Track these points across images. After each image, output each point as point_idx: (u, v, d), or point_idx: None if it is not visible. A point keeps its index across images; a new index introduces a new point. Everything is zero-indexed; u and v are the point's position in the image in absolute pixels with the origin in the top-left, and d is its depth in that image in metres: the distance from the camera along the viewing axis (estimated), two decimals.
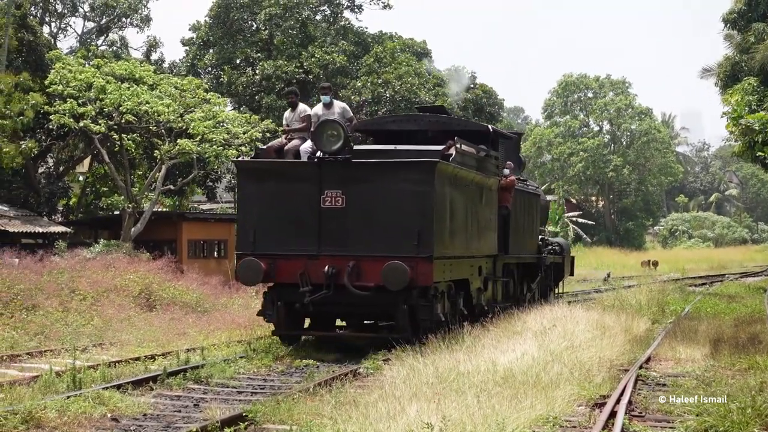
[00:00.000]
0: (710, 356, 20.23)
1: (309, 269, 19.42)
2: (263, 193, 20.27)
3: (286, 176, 20.34)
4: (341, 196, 19.44)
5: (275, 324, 20.78)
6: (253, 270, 19.62)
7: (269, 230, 20.08)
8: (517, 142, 31.57)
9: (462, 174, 21.66)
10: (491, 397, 12.72)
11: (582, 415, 13.35)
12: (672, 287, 41.72)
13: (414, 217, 19.28)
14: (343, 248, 19.50)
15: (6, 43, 39.20)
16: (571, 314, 25.14)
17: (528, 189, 30.21)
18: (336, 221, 19.59)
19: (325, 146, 19.53)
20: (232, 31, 61.39)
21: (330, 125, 19.67)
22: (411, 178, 19.40)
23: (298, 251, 19.75)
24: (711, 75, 51.55)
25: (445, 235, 20.38)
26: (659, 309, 31.15)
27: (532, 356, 16.60)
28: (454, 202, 21.05)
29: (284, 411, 12.80)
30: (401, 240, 19.20)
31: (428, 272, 19.15)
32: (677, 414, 13.79)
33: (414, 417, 11.26)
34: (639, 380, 16.72)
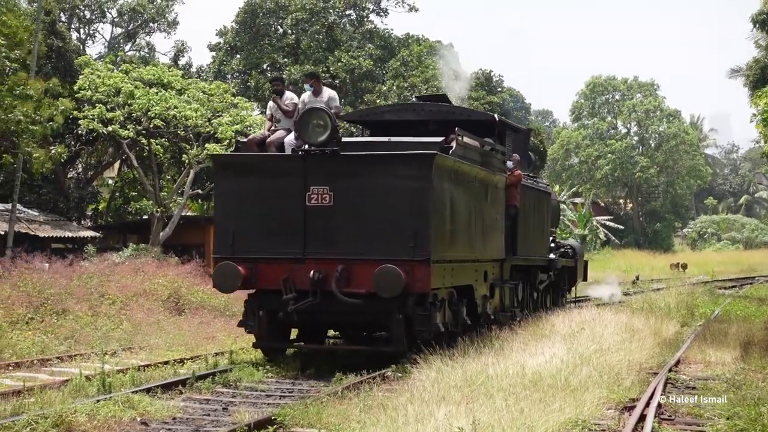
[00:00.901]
0: (740, 359, 20.14)
1: (293, 274, 17.46)
2: (243, 191, 18.21)
3: (267, 171, 18.22)
4: (328, 192, 17.44)
5: (256, 335, 18.72)
6: (231, 275, 17.63)
7: (249, 231, 18.06)
8: (526, 137, 29.29)
9: (464, 169, 19.46)
10: (520, 401, 12.70)
11: (611, 418, 13.32)
12: (701, 290, 41.50)
13: (409, 216, 17.27)
14: (330, 251, 17.55)
15: (36, 49, 39.33)
16: (599, 317, 25.07)
17: (538, 186, 27.74)
18: (323, 221, 17.59)
19: (310, 137, 17.58)
20: (259, 36, 61.58)
21: (315, 114, 17.60)
22: (406, 172, 17.34)
23: (281, 254, 17.79)
24: (739, 75, 51.38)
25: (444, 237, 18.39)
26: (688, 312, 31.08)
27: (560, 359, 16.57)
28: (455, 200, 18.96)
29: (312, 414, 12.82)
30: (395, 241, 17.23)
31: (425, 277, 17.14)
32: (707, 417, 13.74)
33: (443, 420, 11.26)
34: (668, 383, 16.68)
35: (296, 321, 18.53)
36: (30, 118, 33.43)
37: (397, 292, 16.72)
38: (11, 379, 16.95)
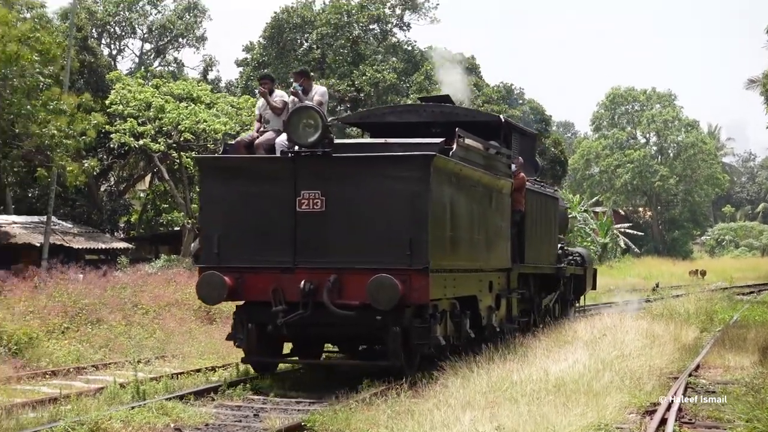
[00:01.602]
0: (759, 363, 20.09)
1: (283, 285, 15.62)
2: (229, 195, 16.32)
3: (254, 175, 16.27)
4: (320, 197, 15.58)
5: (245, 350, 16.90)
6: (215, 286, 15.94)
7: (236, 239, 16.24)
8: (533, 141, 26.85)
9: (466, 172, 17.56)
10: (543, 405, 12.72)
11: (633, 422, 13.32)
12: (720, 296, 41.46)
13: (407, 221, 15.42)
14: (322, 260, 15.69)
15: (68, 64, 39.58)
16: (620, 324, 25.03)
17: (545, 191, 25.54)
18: (314, 227, 15.74)
19: (300, 138, 15.70)
20: (285, 51, 61.78)
21: (305, 112, 15.73)
22: (403, 175, 15.44)
23: (269, 264, 15.96)
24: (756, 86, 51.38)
25: (444, 244, 16.55)
26: (707, 317, 31.01)
27: (583, 364, 16.57)
28: (457, 205, 17.14)
29: (342, 420, 12.85)
30: (392, 249, 15.38)
31: (424, 287, 15.28)
32: (726, 420, 13.74)
33: (468, 425, 11.30)
34: (688, 387, 16.66)
35: (286, 335, 16.79)
36: (63, 133, 33.69)
37: (392, 303, 14.97)
38: (48, 387, 17.05)
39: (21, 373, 18.45)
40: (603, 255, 75.94)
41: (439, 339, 16.44)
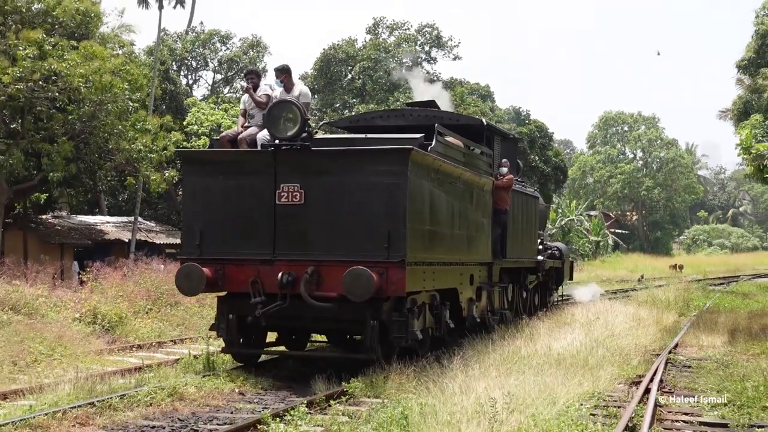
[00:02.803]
0: (728, 343, 20.01)
1: (262, 276, 13.71)
2: (210, 188, 14.36)
3: (236, 168, 14.28)
4: (299, 190, 13.65)
5: (225, 340, 14.84)
6: (194, 278, 13.85)
7: (217, 231, 14.24)
8: (515, 144, 24.61)
9: (446, 168, 15.40)
10: (546, 376, 12.69)
11: (621, 391, 13.26)
12: (695, 286, 41.29)
13: (384, 214, 13.36)
14: (301, 252, 13.73)
15: (153, 92, 39.93)
16: (611, 309, 24.98)
17: (526, 191, 23.30)
18: (293, 220, 13.77)
19: (279, 131, 13.77)
20: (332, 80, 61.90)
21: (284, 107, 13.81)
22: (381, 169, 13.43)
23: (249, 255, 13.99)
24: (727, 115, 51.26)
25: (423, 238, 14.36)
26: (685, 304, 30.86)
27: (580, 342, 16.52)
28: (436, 200, 15.01)
29: (378, 387, 12.85)
30: (369, 242, 13.38)
31: (400, 280, 13.18)
32: (701, 390, 13.65)
33: (482, 392, 11.26)
34: (668, 363, 16.57)
35: (265, 326, 14.97)
36: (148, 148, 33.96)
37: (367, 295, 12.90)
38: (134, 358, 17.12)
39: (112, 347, 18.56)
40: (596, 251, 75.71)
41: (417, 333, 14.34)
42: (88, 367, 15.20)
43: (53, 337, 17.37)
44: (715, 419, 11.50)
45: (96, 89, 30.27)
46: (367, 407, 11.81)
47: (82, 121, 30.79)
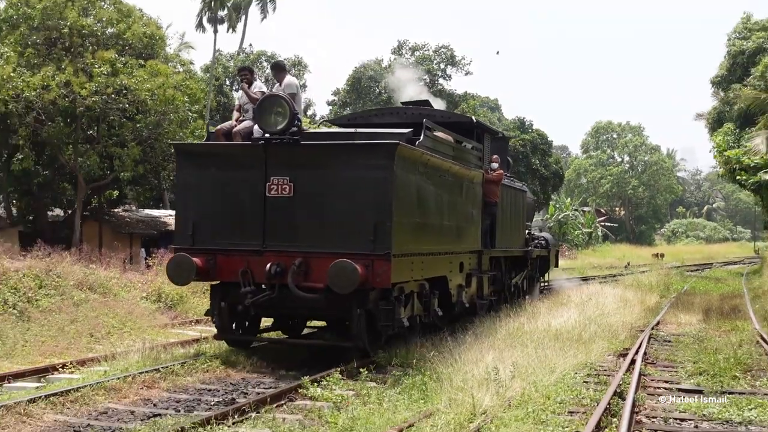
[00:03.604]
0: (703, 321, 19.96)
1: (252, 266, 12.23)
2: (203, 180, 12.82)
3: (228, 160, 12.76)
4: (288, 183, 12.15)
5: (218, 327, 13.30)
6: (184, 267, 12.34)
7: (209, 222, 12.71)
8: (506, 143, 23.24)
9: (434, 162, 13.79)
10: (546, 349, 12.69)
11: (610, 362, 13.25)
12: (674, 272, 41.16)
13: (371, 208, 11.85)
14: (290, 244, 12.20)
15: (209, 104, 40.04)
16: (602, 291, 24.96)
17: (515, 185, 21.50)
18: (283, 212, 12.27)
19: (269, 125, 12.26)
20: (362, 94, 62.03)
21: (273, 101, 12.34)
22: (368, 162, 11.90)
23: (240, 246, 12.48)
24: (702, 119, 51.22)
25: (410, 229, 12.73)
26: (665, 287, 30.82)
27: (575, 320, 16.51)
28: (425, 192, 13.42)
29: (401, 356, 12.86)
30: (356, 235, 11.85)
31: (386, 272, 11.69)
32: (679, 362, 13.62)
33: (491, 361, 11.27)
34: (651, 338, 16.53)
35: (255, 313, 13.55)
36: None
37: (352, 287, 11.45)
38: (193, 331, 17.21)
39: (174, 321, 18.67)
40: (588, 241, 75.47)
41: (403, 321, 12.82)
42: (154, 339, 15.32)
43: (124, 312, 17.49)
44: (691, 386, 11.48)
45: (160, 101, 30.46)
46: (392, 375, 11.85)
47: (148, 129, 30.93)
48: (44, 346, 14.34)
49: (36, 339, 14.64)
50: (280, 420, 8.96)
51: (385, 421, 8.99)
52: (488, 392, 9.69)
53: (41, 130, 29.68)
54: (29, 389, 10.64)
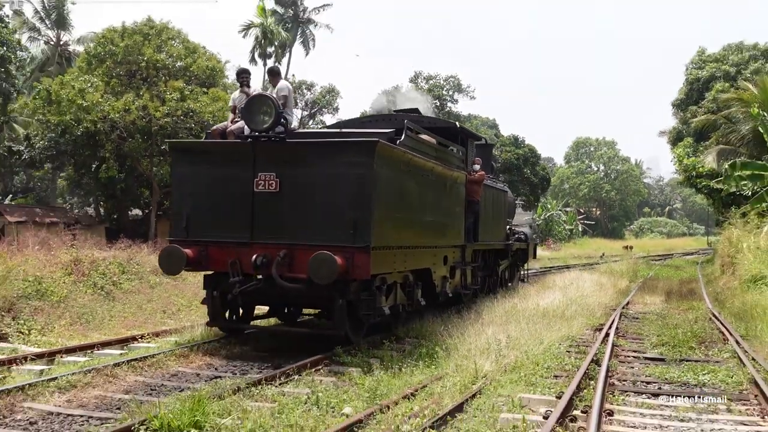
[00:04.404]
0: (665, 301, 19.87)
1: (241, 258, 10.89)
2: (196, 176, 11.49)
3: (219, 157, 11.41)
4: (275, 179, 10.86)
5: (210, 315, 11.82)
6: (174, 259, 10.97)
7: (202, 215, 11.37)
8: (490, 149, 21.66)
9: (416, 161, 12.20)
10: (535, 324, 12.66)
11: (589, 335, 13.20)
12: (641, 261, 41.02)
13: (351, 203, 10.47)
14: (276, 236, 10.83)
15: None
16: (581, 277, 24.87)
17: (497, 186, 19.79)
18: (269, 206, 10.92)
19: (255, 123, 10.97)
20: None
21: (260, 100, 11.04)
22: (349, 159, 10.54)
23: (230, 238, 11.10)
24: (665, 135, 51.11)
25: (391, 224, 11.24)
26: (634, 274, 30.66)
27: (559, 301, 16.46)
28: (407, 189, 11.92)
29: (416, 331, 12.87)
30: (337, 228, 10.49)
31: (365, 264, 10.34)
32: (645, 335, 13.56)
33: (490, 334, 11.26)
34: (622, 315, 16.45)
35: (246, 302, 11.98)
36: None
37: (331, 278, 10.07)
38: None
39: None
40: (570, 236, 75.18)
41: (384, 309, 11.49)
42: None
43: (191, 294, 17.57)
44: (655, 355, 11.43)
45: (220, 122, 30.54)
46: (408, 345, 11.85)
47: None
48: (126, 320, 14.44)
49: (120, 315, 14.76)
50: (317, 381, 8.99)
51: (403, 383, 9.02)
52: (488, 359, 9.70)
53: (123, 145, 29.97)
54: (114, 355, 10.73)
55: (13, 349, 10.99)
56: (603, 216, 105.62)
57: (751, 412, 8.08)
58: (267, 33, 55.87)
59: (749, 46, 46.81)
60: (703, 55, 48.24)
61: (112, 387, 8.68)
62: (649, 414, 7.90)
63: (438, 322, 13.32)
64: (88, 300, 15.05)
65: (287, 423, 6.97)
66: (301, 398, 7.93)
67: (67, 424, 7.12)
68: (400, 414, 7.37)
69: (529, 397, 8.05)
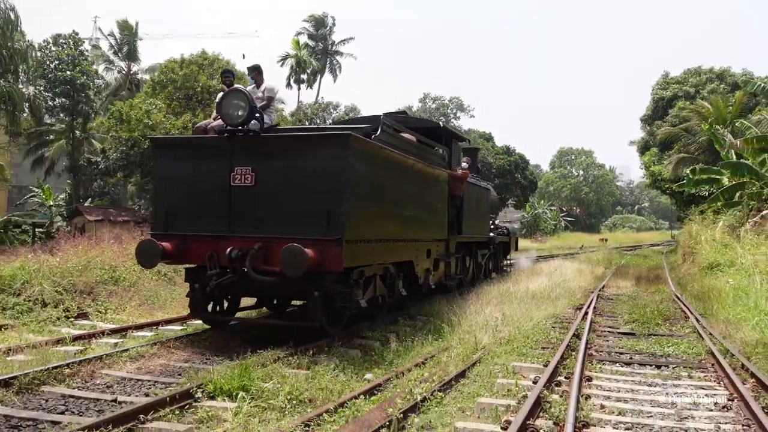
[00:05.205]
0: (635, 285, 19.73)
1: (218, 251, 9.32)
2: (177, 171, 9.88)
3: (197, 152, 9.79)
4: (251, 173, 9.29)
5: (190, 307, 10.15)
6: (150, 252, 9.35)
7: (181, 209, 9.75)
8: (476, 153, 20.41)
9: (394, 157, 10.58)
10: (526, 304, 12.61)
11: (571, 313, 13.12)
12: (614, 252, 40.74)
13: (325, 196, 8.86)
14: (252, 229, 9.25)
15: None
16: (564, 264, 24.70)
17: (480, 184, 18.11)
18: (246, 200, 9.37)
19: (230, 118, 9.40)
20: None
21: (233, 95, 9.44)
22: (323, 153, 8.95)
23: (208, 232, 9.50)
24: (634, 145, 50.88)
25: (367, 217, 9.63)
26: (608, 262, 30.50)
27: (545, 284, 16.38)
28: (385, 184, 10.30)
29: (426, 310, 12.86)
30: (310, 221, 8.90)
31: (337, 256, 8.70)
32: (618, 314, 13.47)
33: (488, 313, 11.23)
34: (599, 297, 16.36)
35: (219, 295, 10.37)
36: None
37: (301, 271, 8.41)
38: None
39: None
40: (554, 231, 74.79)
41: (361, 302, 9.84)
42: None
43: None
44: (627, 330, 11.36)
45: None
46: (419, 322, 11.84)
47: None
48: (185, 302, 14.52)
49: (179, 297, 14.82)
50: (345, 352, 9.00)
51: (415, 354, 9.01)
52: (486, 334, 9.67)
53: None
54: (176, 330, 10.76)
55: (92, 326, 11.08)
56: (582, 213, 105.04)
57: (709, 378, 8.02)
58: (301, 62, 56.01)
59: (706, 70, 46.45)
60: (667, 77, 47.91)
61: (173, 357, 8.73)
62: (623, 380, 7.86)
63: (444, 302, 13.31)
64: (153, 285, 15.14)
65: (319, 387, 7.00)
66: (330, 366, 7.95)
67: (137, 388, 7.17)
68: (413, 379, 7.37)
69: (521, 365, 8.02)
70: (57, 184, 36.14)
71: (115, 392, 6.97)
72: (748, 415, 6.34)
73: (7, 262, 13.91)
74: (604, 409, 6.54)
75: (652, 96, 47.83)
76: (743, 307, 11.67)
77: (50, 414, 6.12)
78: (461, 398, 6.80)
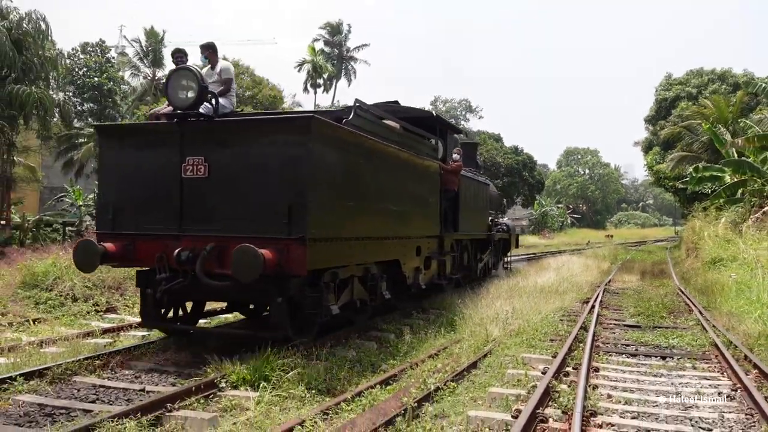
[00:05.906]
0: (640, 279, 19.63)
1: (168, 252, 7.60)
2: (123, 162, 8.08)
3: (145, 140, 8.02)
4: (204, 163, 7.53)
5: (141, 314, 8.47)
6: (88, 254, 7.65)
7: (129, 206, 8.01)
8: (475, 148, 18.77)
9: (370, 144, 8.73)
10: (534, 298, 12.56)
11: (578, 307, 13.06)
12: (620, 247, 40.53)
13: (286, 188, 7.14)
14: (205, 227, 7.53)
15: None
16: (571, 260, 24.62)
17: (478, 179, 16.05)
18: (199, 194, 7.60)
19: (177, 101, 7.67)
20: None
21: (181, 74, 7.68)
22: (283, 139, 7.21)
23: (158, 231, 7.79)
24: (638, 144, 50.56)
25: (338, 213, 7.84)
26: (614, 257, 30.37)
27: (554, 279, 16.32)
28: (360, 175, 8.47)
29: (439, 304, 12.84)
30: (270, 217, 7.19)
31: (300, 258, 7.01)
32: (624, 307, 13.40)
33: (498, 306, 11.20)
34: (605, 291, 16.28)
35: (168, 301, 8.44)
36: None
37: (254, 275, 6.76)
38: None
39: None
40: (561, 227, 74.48)
41: (333, 308, 8.23)
42: None
43: None
44: (633, 323, 11.29)
45: None
46: (432, 315, 11.83)
47: None
48: None
49: None
50: (361, 344, 9.01)
51: (429, 345, 9.01)
52: (497, 326, 9.65)
53: None
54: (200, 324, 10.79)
55: (120, 319, 11.17)
56: (588, 211, 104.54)
57: (712, 369, 7.96)
58: (317, 68, 56.12)
59: (708, 71, 46.05)
60: (670, 78, 47.56)
61: (198, 348, 8.77)
62: (628, 370, 7.81)
63: (456, 296, 13.28)
64: None
65: (337, 377, 7.02)
66: (347, 357, 7.96)
67: (164, 378, 7.22)
68: (427, 370, 7.37)
69: (530, 357, 8.00)
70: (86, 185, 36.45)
71: (143, 382, 7.02)
72: (750, 404, 6.29)
73: (39, 260, 14.05)
74: (611, 398, 6.51)
75: (655, 97, 47.49)
76: (746, 301, 11.57)
77: (82, 403, 6.18)
78: (473, 388, 6.79)
